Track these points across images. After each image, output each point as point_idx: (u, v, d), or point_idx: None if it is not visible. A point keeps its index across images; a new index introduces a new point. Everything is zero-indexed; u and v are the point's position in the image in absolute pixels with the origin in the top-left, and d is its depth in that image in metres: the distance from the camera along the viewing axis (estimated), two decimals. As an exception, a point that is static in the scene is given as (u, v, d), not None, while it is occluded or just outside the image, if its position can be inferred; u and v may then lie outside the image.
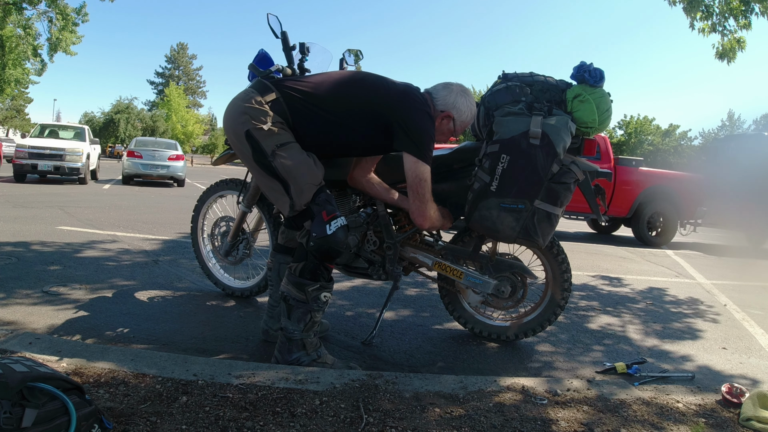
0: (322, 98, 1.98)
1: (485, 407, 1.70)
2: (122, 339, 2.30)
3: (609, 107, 2.21)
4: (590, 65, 2.22)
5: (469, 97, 2.14)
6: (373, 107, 1.98)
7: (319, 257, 1.93)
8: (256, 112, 1.91)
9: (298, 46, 2.43)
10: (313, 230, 1.89)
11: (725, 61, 6.49)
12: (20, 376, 1.19)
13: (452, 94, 2.10)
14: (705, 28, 6.40)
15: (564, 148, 2.07)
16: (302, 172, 1.91)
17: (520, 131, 2.07)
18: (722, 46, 6.42)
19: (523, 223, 2.11)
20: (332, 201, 1.96)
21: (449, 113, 2.10)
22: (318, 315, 2.00)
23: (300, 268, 1.96)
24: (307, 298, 1.95)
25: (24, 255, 3.71)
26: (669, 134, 41.51)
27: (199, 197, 3.16)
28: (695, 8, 6.13)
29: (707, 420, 1.72)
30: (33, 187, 9.50)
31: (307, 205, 1.92)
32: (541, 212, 2.10)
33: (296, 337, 1.99)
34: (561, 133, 2.05)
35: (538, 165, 2.05)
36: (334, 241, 1.88)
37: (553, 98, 2.21)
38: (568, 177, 2.08)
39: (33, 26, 16.70)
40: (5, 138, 29.52)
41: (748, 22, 6.16)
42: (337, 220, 1.89)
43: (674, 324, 3.30)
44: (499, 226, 2.14)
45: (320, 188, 1.95)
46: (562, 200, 2.11)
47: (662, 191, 7.99)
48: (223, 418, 1.47)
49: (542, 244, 2.20)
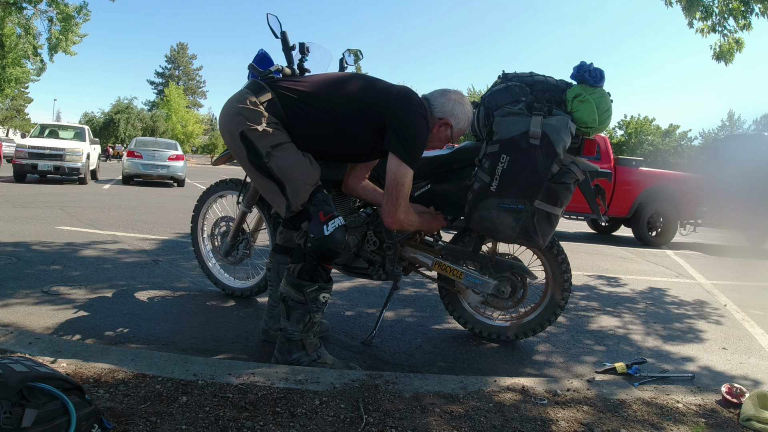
0: (318, 98, 1.96)
1: (485, 407, 1.70)
2: (122, 339, 2.30)
3: (609, 107, 2.21)
4: (590, 65, 2.22)
5: (467, 106, 2.13)
6: (370, 108, 1.96)
7: (317, 258, 1.92)
8: (251, 113, 1.89)
9: (297, 46, 2.42)
10: (311, 231, 1.88)
11: (722, 62, 6.50)
12: (20, 376, 1.19)
13: (450, 101, 2.09)
14: (704, 28, 6.40)
15: (564, 148, 2.07)
16: (297, 173, 1.90)
17: (520, 131, 2.07)
18: (720, 47, 6.43)
19: (523, 224, 2.11)
20: (329, 201, 1.95)
21: (447, 121, 2.09)
22: (317, 316, 1.99)
23: (298, 269, 1.95)
24: (306, 299, 1.94)
25: (24, 255, 3.71)
26: (669, 134, 41.51)
27: (199, 197, 3.16)
28: (694, 7, 6.13)
29: (707, 420, 1.72)
30: (33, 187, 9.50)
31: (304, 206, 1.92)
32: (541, 212, 2.10)
33: (295, 338, 1.98)
34: (561, 133, 2.05)
35: (538, 165, 2.05)
36: (332, 242, 1.87)
37: (553, 98, 2.20)
38: (568, 177, 2.08)
39: (33, 26, 16.69)
40: (5, 138, 29.52)
41: (748, 22, 6.16)
42: (335, 221, 1.88)
43: (674, 324, 3.30)
44: (498, 226, 2.14)
45: (317, 188, 1.93)
46: (562, 200, 2.11)
47: (662, 191, 7.99)
48: (223, 418, 1.47)
49: (542, 245, 2.19)
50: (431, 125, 2.07)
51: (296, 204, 1.91)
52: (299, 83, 2.00)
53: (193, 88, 59.37)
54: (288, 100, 1.95)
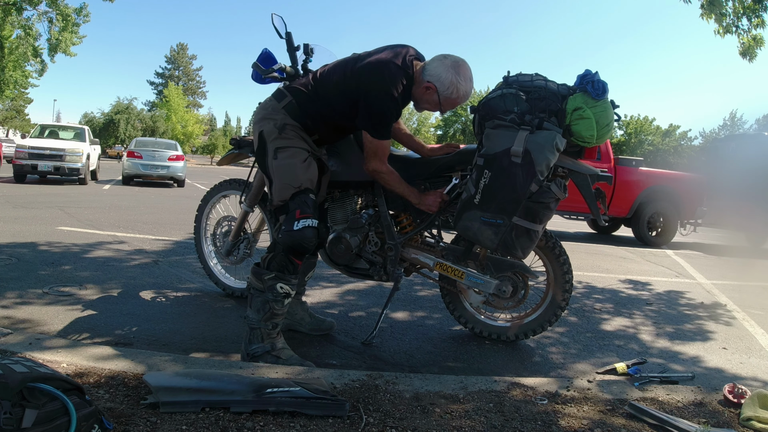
0: (321, 84, 2.13)
1: (485, 407, 1.70)
2: (122, 339, 2.30)
3: (610, 121, 2.13)
4: (595, 75, 2.12)
5: (461, 75, 2.08)
6: (351, 89, 2.07)
7: (285, 249, 2.03)
8: (275, 116, 2.14)
9: (302, 47, 2.43)
10: (284, 224, 2.05)
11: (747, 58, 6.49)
12: (20, 377, 1.19)
13: (442, 66, 2.07)
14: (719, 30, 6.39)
15: (547, 166, 2.03)
16: (284, 174, 2.08)
17: (504, 147, 2.04)
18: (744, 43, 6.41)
19: (502, 237, 2.12)
20: (310, 204, 2.06)
21: (431, 85, 2.07)
22: (278, 307, 2.04)
23: (269, 259, 2.08)
24: (264, 287, 2.04)
25: (24, 255, 3.71)
26: (669, 134, 41.52)
27: (203, 197, 3.17)
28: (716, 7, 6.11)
29: (708, 420, 1.72)
30: (33, 188, 9.50)
31: (285, 202, 2.06)
32: (520, 228, 2.10)
33: (255, 326, 2.06)
34: (545, 151, 2.00)
35: (516, 184, 2.03)
36: (299, 236, 1.99)
37: (549, 107, 2.11)
38: (547, 197, 2.05)
39: (33, 27, 16.69)
40: (5, 138, 29.54)
41: (762, 20, 6.15)
42: (307, 220, 2.02)
43: (674, 324, 3.30)
44: (479, 237, 2.17)
45: (301, 191, 2.06)
46: (541, 218, 2.10)
47: (662, 191, 7.99)
48: (223, 419, 1.47)
49: (521, 257, 2.24)
50: (419, 86, 2.10)
51: (277, 199, 2.10)
52: (309, 77, 2.20)
53: (193, 88, 59.35)
54: (301, 96, 2.14)
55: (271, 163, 2.11)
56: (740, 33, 6.34)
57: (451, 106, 2.18)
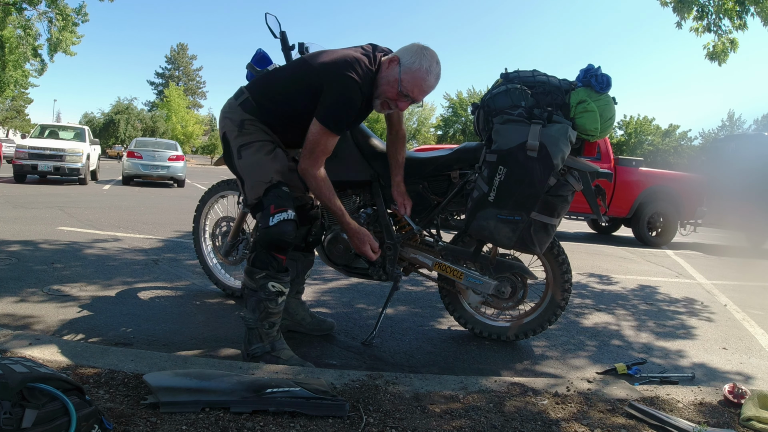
0: (278, 81, 2.11)
1: (485, 407, 1.70)
2: (122, 339, 2.30)
3: (612, 115, 2.16)
4: (598, 69, 2.15)
5: (424, 57, 2.00)
6: (312, 84, 2.01)
7: (264, 246, 2.02)
8: (232, 115, 2.13)
9: (297, 46, 2.42)
10: (259, 221, 2.05)
11: (716, 62, 6.50)
12: (20, 377, 1.19)
13: (408, 49, 2.03)
14: (698, 27, 6.39)
15: (562, 159, 2.04)
16: (253, 171, 2.06)
17: (518, 142, 2.03)
18: (713, 47, 6.43)
19: (520, 234, 2.11)
20: (283, 196, 2.03)
21: (396, 57, 2.02)
22: (272, 306, 2.03)
23: (252, 257, 2.06)
24: (257, 287, 2.03)
25: (24, 255, 3.71)
26: (669, 134, 41.53)
27: (201, 197, 3.17)
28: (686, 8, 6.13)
29: (708, 420, 1.72)
30: (33, 188, 9.50)
31: (259, 200, 2.04)
32: (538, 223, 2.10)
33: (252, 326, 2.06)
34: (560, 143, 2.01)
35: (534, 179, 2.02)
36: (275, 231, 1.97)
37: (554, 101, 2.14)
38: (565, 190, 2.07)
39: (33, 27, 16.69)
40: (5, 138, 29.57)
41: (743, 22, 6.16)
42: (282, 214, 1.99)
43: (675, 324, 3.30)
44: (496, 236, 2.15)
45: (272, 185, 2.04)
46: (559, 211, 2.11)
47: (662, 191, 7.99)
48: (223, 419, 1.47)
49: (539, 253, 2.23)
50: (383, 68, 2.03)
51: (251, 198, 2.08)
52: (266, 76, 2.18)
53: (193, 88, 59.36)
54: (257, 93, 2.11)
55: (238, 163, 2.09)
56: (720, 33, 6.34)
57: (411, 85, 2.00)
